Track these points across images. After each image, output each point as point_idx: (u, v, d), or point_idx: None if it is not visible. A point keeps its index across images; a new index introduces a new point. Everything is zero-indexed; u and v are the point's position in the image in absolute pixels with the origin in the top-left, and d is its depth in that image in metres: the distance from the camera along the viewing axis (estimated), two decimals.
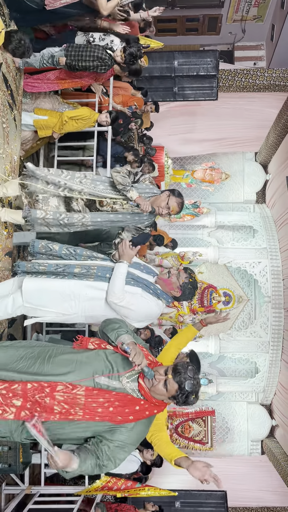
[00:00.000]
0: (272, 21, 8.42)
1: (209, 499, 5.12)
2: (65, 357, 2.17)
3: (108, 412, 2.06)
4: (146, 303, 2.86)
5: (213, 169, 8.23)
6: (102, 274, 2.85)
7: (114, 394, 2.09)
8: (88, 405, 2.05)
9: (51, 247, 2.98)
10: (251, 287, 8.62)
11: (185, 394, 2.07)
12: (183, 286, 2.92)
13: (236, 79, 6.32)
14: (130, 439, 2.11)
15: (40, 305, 2.87)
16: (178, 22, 8.82)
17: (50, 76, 4.00)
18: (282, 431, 7.55)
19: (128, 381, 2.13)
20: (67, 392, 2.05)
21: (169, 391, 2.09)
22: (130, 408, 2.10)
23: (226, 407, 8.32)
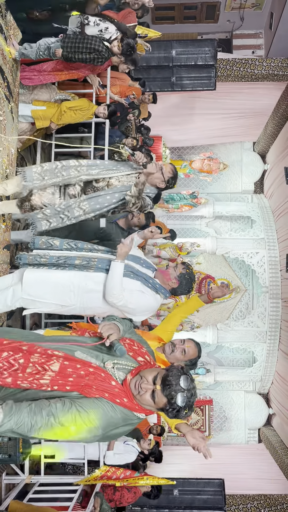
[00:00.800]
0: (270, 9, 8.32)
1: (207, 487, 5.20)
2: (57, 337, 2.11)
3: (82, 380, 1.83)
4: (144, 298, 2.89)
5: (211, 159, 8.19)
6: (102, 266, 2.87)
7: (94, 366, 1.89)
8: (62, 368, 1.83)
9: (51, 243, 3.00)
10: (249, 277, 8.65)
11: (176, 409, 1.79)
12: (180, 277, 2.97)
13: (234, 69, 6.26)
14: (98, 415, 1.80)
15: (39, 297, 2.89)
16: (176, 10, 8.70)
17: (47, 68, 3.96)
18: (279, 420, 7.64)
19: (113, 367, 1.93)
20: (44, 353, 1.86)
21: (157, 404, 1.82)
22: (108, 386, 1.86)
23: (224, 396, 8.41)
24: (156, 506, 5.00)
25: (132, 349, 2.10)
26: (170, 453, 7.28)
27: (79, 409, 1.77)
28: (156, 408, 1.85)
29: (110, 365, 1.93)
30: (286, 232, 7.44)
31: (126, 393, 1.87)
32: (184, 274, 2.97)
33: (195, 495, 5.10)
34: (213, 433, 8.01)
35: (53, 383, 1.81)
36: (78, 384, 1.83)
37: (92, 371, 1.87)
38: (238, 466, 6.98)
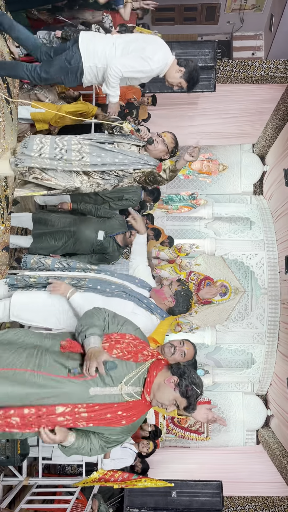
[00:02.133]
0: (271, 10, 8.33)
1: (205, 489, 5.19)
2: (56, 363, 2.06)
3: (111, 419, 2.04)
4: (137, 320, 2.62)
5: (211, 160, 8.20)
6: (93, 285, 2.73)
7: (115, 406, 2.03)
8: (90, 418, 2.02)
9: (43, 262, 2.93)
10: (248, 278, 8.65)
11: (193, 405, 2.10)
12: (176, 294, 2.84)
13: (234, 70, 6.26)
14: (126, 433, 2.14)
15: (28, 320, 2.79)
16: (176, 11, 8.71)
17: None
18: (277, 421, 7.64)
19: (127, 385, 2.06)
20: (68, 414, 2.00)
21: (179, 404, 2.10)
22: (134, 411, 2.09)
23: (222, 398, 8.40)
24: (153, 507, 5.00)
25: (127, 350, 2.10)
26: (168, 455, 7.28)
27: (121, 439, 2.16)
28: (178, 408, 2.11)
29: (125, 388, 2.05)
30: (285, 233, 7.44)
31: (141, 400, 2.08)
32: (180, 291, 2.83)
33: (193, 497, 5.10)
34: (211, 435, 8.00)
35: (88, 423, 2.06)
36: (109, 423, 2.07)
37: (116, 407, 2.05)
38: (236, 467, 6.97)
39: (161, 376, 2.10)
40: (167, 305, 2.84)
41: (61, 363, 2.04)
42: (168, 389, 2.06)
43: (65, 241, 4.03)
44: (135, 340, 2.16)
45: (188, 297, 2.87)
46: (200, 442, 7.97)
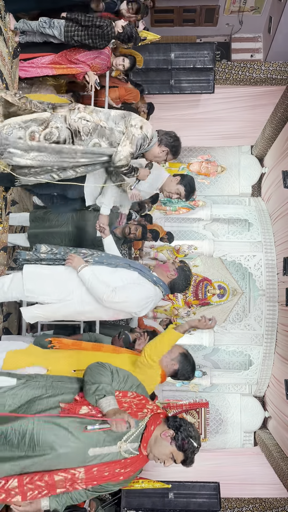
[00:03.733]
0: (269, 13, 8.34)
1: (202, 490, 5.19)
2: (55, 426, 1.99)
3: (109, 477, 2.04)
4: (142, 289, 2.85)
5: (209, 162, 8.20)
6: (99, 259, 2.91)
7: (113, 464, 2.02)
8: (89, 479, 2.01)
9: (52, 248, 3.03)
10: (246, 280, 8.66)
11: (190, 459, 2.17)
12: (178, 269, 2.99)
13: (233, 72, 6.28)
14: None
15: (40, 291, 2.88)
16: (175, 12, 8.72)
17: (45, 61, 3.97)
18: (275, 423, 7.64)
19: (126, 442, 2.05)
20: (67, 480, 1.98)
21: (176, 461, 2.15)
22: (131, 467, 2.09)
23: (220, 399, 8.41)
24: (151, 509, 4.99)
25: (130, 408, 2.11)
26: None
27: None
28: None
29: (124, 445, 2.05)
30: (283, 235, 7.45)
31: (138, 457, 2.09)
32: (182, 266, 3.01)
33: (190, 498, 5.09)
34: (208, 436, 8.00)
35: (87, 485, 2.02)
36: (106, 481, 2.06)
37: (114, 465, 2.03)
38: (233, 469, 6.98)
39: (158, 430, 2.12)
40: (169, 277, 2.97)
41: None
42: (164, 443, 2.08)
43: (61, 240, 4.02)
44: (136, 398, 2.16)
45: (189, 272, 3.03)
46: None
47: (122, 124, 2.87)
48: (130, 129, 2.83)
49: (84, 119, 2.79)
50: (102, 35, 3.71)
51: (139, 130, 2.85)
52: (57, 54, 3.86)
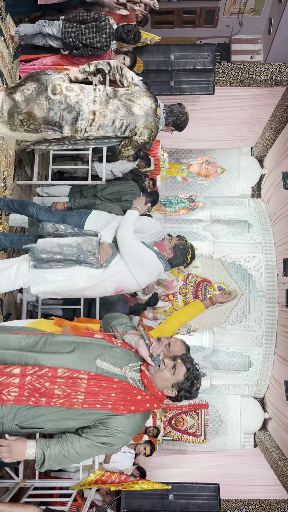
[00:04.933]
0: (269, 14, 8.37)
1: (202, 492, 5.18)
2: (64, 338, 2.18)
3: (110, 398, 2.05)
4: (150, 252, 3.06)
5: (209, 163, 8.20)
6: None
7: (116, 381, 2.08)
8: (90, 389, 2.04)
9: (57, 227, 3.24)
10: (246, 281, 8.66)
11: (192, 380, 2.15)
12: (174, 247, 3.15)
13: (233, 74, 6.28)
14: (128, 427, 2.10)
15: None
16: (175, 14, 8.74)
17: (47, 62, 3.98)
18: (275, 424, 7.63)
19: (130, 370, 2.14)
20: (69, 377, 2.04)
21: (175, 375, 2.14)
22: (131, 397, 2.10)
23: (220, 400, 8.40)
24: (150, 510, 4.98)
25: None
26: (165, 458, 7.27)
27: (119, 436, 2.09)
28: (173, 382, 2.13)
29: (128, 370, 2.14)
30: (283, 236, 7.46)
31: (146, 386, 2.12)
32: (178, 245, 3.15)
33: (190, 499, 5.08)
34: (208, 437, 7.99)
35: (83, 403, 2.05)
36: (106, 405, 2.05)
37: (116, 387, 2.08)
38: (233, 470, 6.97)
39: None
40: (166, 256, 3.14)
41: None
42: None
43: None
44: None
45: (185, 250, 3.18)
46: (197, 445, 7.96)
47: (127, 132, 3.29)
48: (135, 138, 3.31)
49: (91, 136, 3.31)
50: (100, 28, 3.69)
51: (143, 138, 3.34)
52: (59, 56, 3.87)
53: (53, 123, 3.14)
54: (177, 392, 2.16)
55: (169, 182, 8.71)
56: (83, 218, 3.46)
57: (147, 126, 3.19)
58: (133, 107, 3.18)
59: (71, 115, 3.12)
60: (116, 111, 3.15)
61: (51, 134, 3.19)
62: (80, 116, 3.13)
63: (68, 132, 3.18)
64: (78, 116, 3.13)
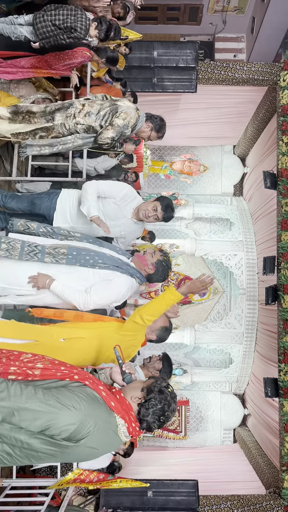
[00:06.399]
0: (253, 13, 8.41)
1: (181, 488, 5.21)
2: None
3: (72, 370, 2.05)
4: (116, 286, 2.95)
5: (192, 161, 8.22)
6: (73, 257, 2.94)
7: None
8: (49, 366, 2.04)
9: (29, 226, 3.09)
10: (227, 279, 8.73)
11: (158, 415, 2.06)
12: (157, 264, 3.04)
13: (216, 72, 6.28)
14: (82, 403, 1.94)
15: (13, 282, 2.95)
16: (159, 10, 8.71)
17: (25, 64, 3.91)
18: (254, 420, 7.73)
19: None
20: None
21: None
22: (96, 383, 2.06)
23: (200, 397, 8.46)
24: (129, 507, 4.99)
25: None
26: (146, 454, 7.29)
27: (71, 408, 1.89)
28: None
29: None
30: (264, 235, 7.52)
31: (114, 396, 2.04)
32: (161, 261, 3.04)
33: (169, 496, 5.11)
34: (188, 434, 8.05)
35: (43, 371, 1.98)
36: (69, 374, 2.01)
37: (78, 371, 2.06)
38: (212, 466, 7.03)
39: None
40: (147, 271, 3.06)
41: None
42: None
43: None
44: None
45: (167, 268, 3.08)
46: (177, 442, 8.01)
47: (110, 118, 3.32)
48: (115, 119, 3.28)
49: (79, 123, 3.32)
50: (74, 11, 3.63)
51: (122, 121, 3.28)
52: (37, 59, 3.80)
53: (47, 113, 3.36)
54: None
55: (151, 179, 8.70)
56: (54, 199, 3.31)
57: (127, 111, 3.31)
58: (118, 101, 3.41)
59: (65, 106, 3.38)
60: (103, 104, 3.36)
61: (43, 122, 3.36)
62: (72, 106, 3.37)
63: (59, 119, 3.33)
64: (70, 106, 3.37)
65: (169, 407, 2.04)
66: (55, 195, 3.34)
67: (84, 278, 2.94)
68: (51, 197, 3.33)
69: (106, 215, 3.26)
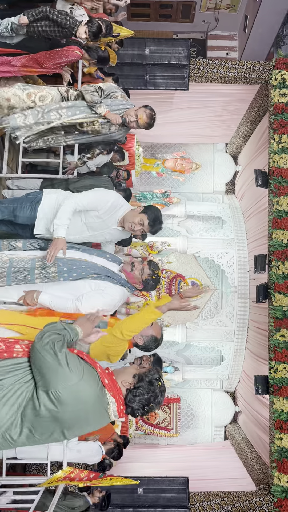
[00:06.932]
0: (245, 11, 8.41)
1: (172, 485, 5.23)
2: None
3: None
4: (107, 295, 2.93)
5: (184, 159, 8.22)
6: (64, 272, 2.92)
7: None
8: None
9: (14, 245, 3.03)
10: (219, 277, 8.75)
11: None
12: (145, 282, 3.02)
13: (208, 70, 6.27)
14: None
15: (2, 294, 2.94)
16: (152, 7, 8.69)
17: (16, 63, 3.87)
18: (245, 417, 7.77)
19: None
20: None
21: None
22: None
23: (192, 394, 8.48)
24: (120, 505, 5.00)
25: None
26: (137, 451, 7.30)
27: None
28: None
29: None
30: (255, 233, 7.55)
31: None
32: (149, 280, 3.02)
33: (159, 493, 5.13)
34: (180, 431, 8.07)
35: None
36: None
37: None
38: (203, 463, 7.05)
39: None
40: (135, 286, 3.09)
41: None
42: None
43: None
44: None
45: (155, 285, 3.09)
46: (169, 439, 8.03)
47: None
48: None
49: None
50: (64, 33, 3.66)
51: (93, 87, 3.45)
52: (27, 58, 3.77)
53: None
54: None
55: (144, 177, 8.68)
56: (36, 207, 3.11)
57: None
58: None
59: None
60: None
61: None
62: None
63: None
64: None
65: (155, 399, 2.12)
66: (36, 203, 3.15)
67: (75, 288, 2.93)
68: (33, 205, 3.15)
69: (89, 226, 3.11)
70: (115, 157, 6.33)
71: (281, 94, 6.05)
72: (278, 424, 5.47)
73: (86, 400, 2.01)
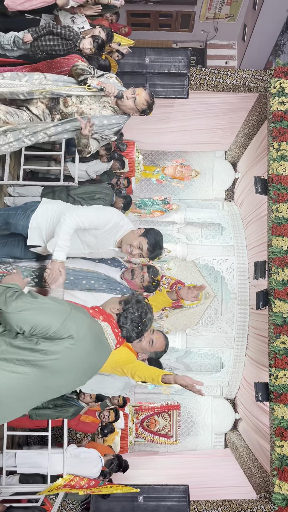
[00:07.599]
0: (244, 21, 8.51)
1: (172, 494, 5.20)
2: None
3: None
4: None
5: (184, 166, 8.27)
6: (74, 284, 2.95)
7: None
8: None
9: (12, 268, 2.98)
10: (218, 283, 8.76)
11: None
12: (146, 287, 3.07)
13: (207, 78, 6.34)
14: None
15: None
16: (152, 17, 8.78)
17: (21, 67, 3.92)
18: (245, 425, 7.74)
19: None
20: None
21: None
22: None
23: (192, 401, 8.45)
24: None
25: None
26: (137, 459, 7.27)
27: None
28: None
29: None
30: (255, 239, 7.58)
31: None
32: (150, 286, 3.07)
33: (160, 501, 5.10)
34: (180, 438, 8.03)
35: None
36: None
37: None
38: (203, 471, 7.02)
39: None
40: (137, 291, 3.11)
41: None
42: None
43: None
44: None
45: (156, 288, 3.13)
46: (169, 446, 7.99)
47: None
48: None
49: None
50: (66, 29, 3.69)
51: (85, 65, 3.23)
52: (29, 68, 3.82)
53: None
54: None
55: (144, 184, 8.73)
56: (30, 216, 2.95)
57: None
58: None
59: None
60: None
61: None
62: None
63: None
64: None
65: (146, 315, 2.20)
66: (31, 212, 2.98)
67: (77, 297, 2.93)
68: (27, 213, 2.98)
69: (85, 243, 2.98)
70: (116, 165, 6.39)
71: (280, 102, 6.10)
72: (279, 432, 5.46)
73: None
